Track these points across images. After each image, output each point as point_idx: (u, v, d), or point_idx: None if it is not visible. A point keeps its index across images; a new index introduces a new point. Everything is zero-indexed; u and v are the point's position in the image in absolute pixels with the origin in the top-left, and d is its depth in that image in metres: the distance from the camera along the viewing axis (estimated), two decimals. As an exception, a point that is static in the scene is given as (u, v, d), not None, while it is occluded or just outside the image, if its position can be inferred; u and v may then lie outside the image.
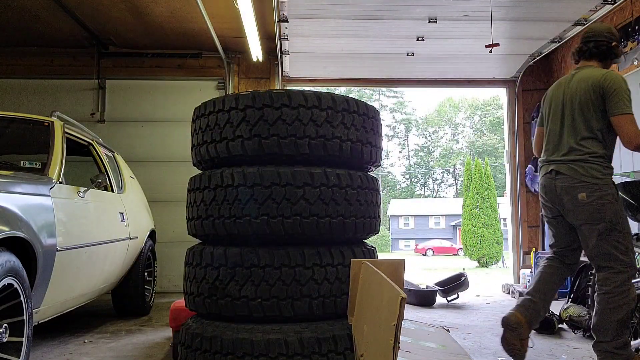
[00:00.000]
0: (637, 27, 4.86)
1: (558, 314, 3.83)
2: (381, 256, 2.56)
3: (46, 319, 2.84)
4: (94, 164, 4.07)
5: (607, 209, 2.54)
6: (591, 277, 3.27)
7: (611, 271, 2.58)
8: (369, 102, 2.45)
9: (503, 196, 20.87)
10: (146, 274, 4.62)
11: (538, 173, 2.99)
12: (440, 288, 5.55)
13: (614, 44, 2.75)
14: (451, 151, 51.75)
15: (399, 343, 1.07)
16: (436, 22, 5.37)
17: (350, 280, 2.05)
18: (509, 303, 5.39)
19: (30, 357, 2.39)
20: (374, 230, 2.40)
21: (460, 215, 23.12)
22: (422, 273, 12.07)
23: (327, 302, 2.15)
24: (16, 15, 5.60)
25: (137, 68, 6.55)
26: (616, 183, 2.76)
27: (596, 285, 2.67)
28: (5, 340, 2.13)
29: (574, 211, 2.63)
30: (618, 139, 2.66)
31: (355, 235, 2.28)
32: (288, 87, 6.97)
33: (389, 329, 1.10)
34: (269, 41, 6.02)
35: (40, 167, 2.99)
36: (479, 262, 19.12)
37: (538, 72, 6.84)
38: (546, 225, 3.05)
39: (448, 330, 3.79)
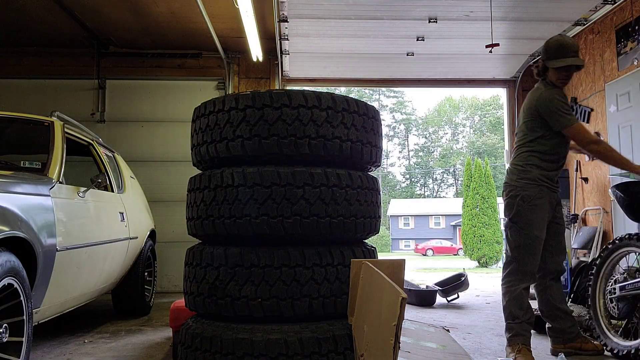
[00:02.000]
0: (637, 27, 4.86)
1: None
2: (381, 256, 2.56)
3: (46, 319, 2.84)
4: (94, 164, 4.07)
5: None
6: (591, 277, 3.27)
7: (507, 259, 2.99)
8: (369, 102, 2.44)
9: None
10: (146, 274, 4.61)
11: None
12: (440, 288, 5.55)
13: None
14: (451, 151, 51.74)
15: (399, 343, 1.07)
16: (436, 22, 5.37)
17: (350, 280, 2.05)
18: (509, 303, 5.38)
19: (30, 357, 2.39)
20: (374, 230, 2.40)
21: (460, 215, 23.12)
22: (422, 273, 12.07)
23: (327, 302, 2.14)
24: (16, 15, 5.60)
25: (137, 68, 6.55)
26: (616, 183, 2.78)
27: None
28: (5, 340, 2.13)
29: None
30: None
31: (355, 235, 2.28)
32: (288, 87, 6.97)
33: (389, 329, 1.10)
34: (269, 41, 6.02)
35: (40, 167, 2.98)
36: (479, 262, 19.12)
37: (538, 72, 6.83)
38: None
39: (448, 330, 3.79)
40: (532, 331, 3.80)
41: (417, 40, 5.83)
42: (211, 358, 2.08)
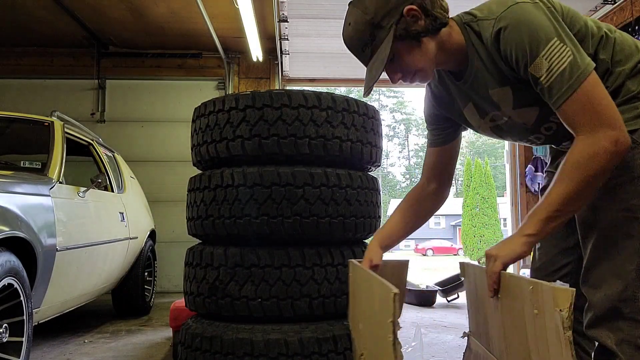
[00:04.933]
0: (637, 27, 4.85)
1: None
2: (381, 256, 2.56)
3: (46, 319, 2.84)
4: (94, 164, 4.07)
5: None
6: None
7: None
8: (369, 102, 2.44)
9: (503, 196, 20.87)
10: (146, 274, 4.62)
11: (540, 173, 2.94)
12: (440, 288, 5.55)
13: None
14: (451, 151, 51.71)
15: (398, 339, 1.07)
16: (436, 22, 5.36)
17: (349, 280, 2.05)
18: (509, 303, 5.39)
19: (30, 357, 2.39)
20: (374, 230, 2.40)
21: (460, 215, 23.12)
22: (422, 273, 12.06)
23: (327, 302, 2.15)
24: (16, 15, 5.60)
25: (137, 68, 6.55)
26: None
27: None
28: (5, 340, 2.13)
29: None
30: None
31: (355, 235, 2.28)
32: (288, 87, 6.97)
33: (386, 327, 1.09)
34: (269, 41, 6.01)
35: (40, 167, 2.99)
36: (479, 262, 19.07)
37: (538, 72, 6.82)
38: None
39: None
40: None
41: (417, 40, 5.82)
42: (211, 358, 2.08)
